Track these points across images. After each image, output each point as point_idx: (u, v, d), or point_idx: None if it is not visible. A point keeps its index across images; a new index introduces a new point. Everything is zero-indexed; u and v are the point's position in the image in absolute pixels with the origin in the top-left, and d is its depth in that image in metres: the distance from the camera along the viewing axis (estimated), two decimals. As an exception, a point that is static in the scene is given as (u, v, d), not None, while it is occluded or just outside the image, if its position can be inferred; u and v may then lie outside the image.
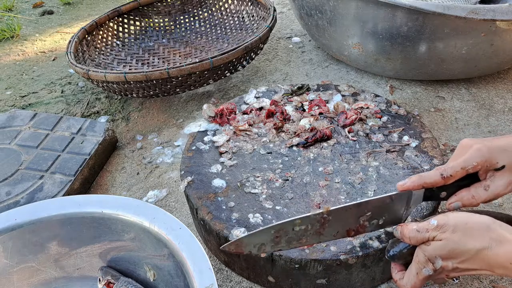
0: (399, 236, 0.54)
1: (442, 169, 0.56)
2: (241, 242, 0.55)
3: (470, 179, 0.56)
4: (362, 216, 0.57)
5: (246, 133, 0.82)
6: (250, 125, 0.84)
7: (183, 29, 1.43)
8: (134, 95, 1.08)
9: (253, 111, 0.87)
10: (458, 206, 0.56)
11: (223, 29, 1.40)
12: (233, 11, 1.42)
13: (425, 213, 0.65)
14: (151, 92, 1.05)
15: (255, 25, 1.33)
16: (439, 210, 0.77)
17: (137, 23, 1.40)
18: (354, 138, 0.79)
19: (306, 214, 0.55)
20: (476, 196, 0.55)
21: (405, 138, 0.79)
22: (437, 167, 0.57)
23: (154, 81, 1.00)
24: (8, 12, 1.80)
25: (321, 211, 0.55)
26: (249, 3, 1.37)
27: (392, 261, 0.56)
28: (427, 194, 0.57)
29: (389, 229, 0.62)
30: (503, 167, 0.53)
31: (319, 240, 0.57)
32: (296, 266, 0.60)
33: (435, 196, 0.57)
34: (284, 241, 0.56)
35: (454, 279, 0.56)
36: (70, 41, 1.17)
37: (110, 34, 1.34)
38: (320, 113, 0.85)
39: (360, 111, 0.85)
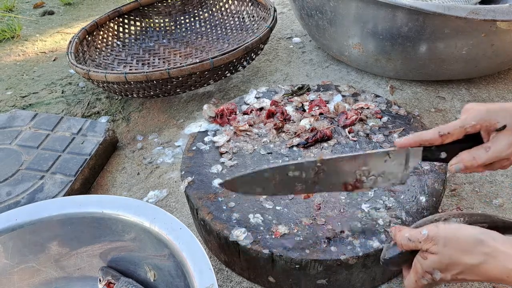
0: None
1: (440, 128, 0.56)
2: (236, 181, 0.56)
3: (473, 141, 0.56)
4: (358, 170, 0.57)
5: (246, 134, 0.82)
6: (250, 125, 0.84)
7: (183, 29, 1.43)
8: (135, 96, 1.08)
9: (253, 112, 0.87)
10: (459, 167, 0.56)
11: (224, 30, 1.40)
12: (234, 12, 1.42)
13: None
14: (152, 93, 1.05)
15: (255, 25, 1.34)
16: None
17: (138, 23, 1.40)
18: (355, 139, 0.79)
19: (299, 161, 0.56)
20: (477, 157, 0.54)
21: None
22: (436, 127, 0.57)
23: (155, 82, 1.00)
24: (9, 12, 1.80)
25: (315, 159, 0.55)
26: (250, 4, 1.37)
27: (386, 267, 0.56)
28: (426, 153, 0.57)
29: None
30: (504, 126, 0.53)
31: (314, 189, 0.57)
32: (296, 266, 0.60)
33: (435, 156, 0.57)
34: (279, 184, 0.56)
35: None
36: (70, 41, 1.17)
37: (110, 34, 1.34)
38: (321, 114, 0.85)
39: (360, 111, 0.85)
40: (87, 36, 1.25)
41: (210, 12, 1.45)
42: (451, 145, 0.56)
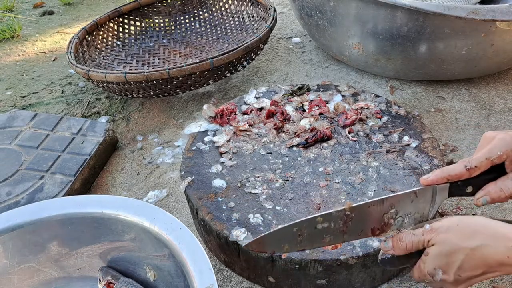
0: (388, 248, 0.53)
1: (466, 161, 0.54)
2: (263, 240, 0.53)
3: (497, 172, 0.54)
4: (387, 213, 0.55)
5: (246, 134, 0.82)
6: (250, 125, 0.84)
7: (183, 29, 1.43)
8: (135, 96, 1.08)
9: (253, 112, 0.87)
10: (486, 200, 0.54)
11: (223, 30, 1.40)
12: (233, 12, 1.42)
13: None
14: (152, 93, 1.05)
15: (255, 25, 1.34)
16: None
17: (138, 23, 1.40)
18: (354, 139, 0.79)
19: (328, 211, 0.54)
20: (504, 188, 0.53)
21: (405, 138, 0.79)
22: (460, 160, 0.55)
23: (155, 82, 1.00)
24: (9, 12, 1.80)
25: (343, 207, 0.53)
26: (250, 4, 1.37)
27: (384, 267, 0.55)
28: (452, 189, 0.55)
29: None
30: None
31: (343, 239, 0.55)
32: (296, 266, 0.60)
33: (461, 191, 0.55)
34: (306, 239, 0.54)
35: None
36: (70, 41, 1.17)
37: (110, 34, 1.34)
38: (320, 114, 0.85)
39: (360, 111, 0.85)
40: (87, 36, 1.25)
41: (210, 12, 1.45)
42: (476, 178, 0.55)
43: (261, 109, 0.88)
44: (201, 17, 1.45)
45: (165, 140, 1.03)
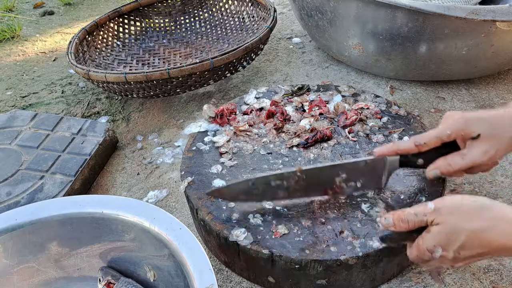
0: (390, 224, 0.53)
1: (417, 138, 0.59)
2: (222, 191, 0.63)
3: (450, 148, 0.58)
4: (338, 177, 0.61)
5: (246, 134, 0.82)
6: (250, 125, 0.84)
7: (183, 29, 1.43)
8: (135, 96, 1.08)
9: (253, 112, 0.87)
10: (436, 173, 0.58)
11: (224, 30, 1.40)
12: (234, 12, 1.42)
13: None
14: (152, 93, 1.05)
15: (255, 25, 1.34)
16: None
17: (138, 23, 1.40)
18: (355, 139, 0.79)
19: (280, 172, 0.62)
20: (453, 163, 0.57)
21: (405, 138, 0.79)
22: (413, 137, 0.60)
23: (155, 82, 1.00)
24: (9, 12, 1.80)
25: (294, 169, 0.60)
26: (250, 4, 1.37)
27: (384, 243, 0.56)
28: (403, 160, 0.60)
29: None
30: (478, 135, 0.55)
31: (298, 195, 0.63)
32: (296, 266, 0.60)
33: (411, 163, 0.60)
34: (262, 193, 0.62)
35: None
36: (70, 41, 1.17)
37: (110, 34, 1.34)
38: (321, 114, 0.85)
39: (360, 111, 0.85)
40: (87, 36, 1.25)
41: (210, 12, 1.45)
42: (428, 153, 0.58)
43: (261, 109, 0.88)
44: (201, 17, 1.45)
45: (165, 140, 1.03)
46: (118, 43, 1.35)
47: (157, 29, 1.42)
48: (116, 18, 1.35)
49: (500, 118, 0.55)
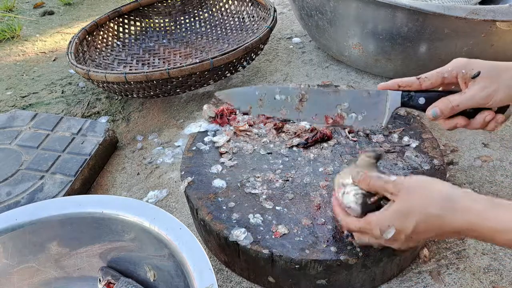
0: (356, 179, 0.55)
1: (420, 75, 0.60)
2: (230, 94, 0.67)
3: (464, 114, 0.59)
4: (340, 105, 0.62)
5: (246, 134, 0.82)
6: (250, 125, 0.84)
7: (183, 29, 1.43)
8: (135, 96, 1.08)
9: (253, 112, 0.87)
10: (435, 112, 0.58)
11: (224, 30, 1.40)
12: (234, 12, 1.42)
13: None
14: (152, 93, 1.05)
15: (255, 25, 1.34)
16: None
17: (138, 23, 1.40)
18: (355, 139, 0.79)
19: (285, 86, 0.65)
20: (452, 99, 0.57)
21: (405, 138, 0.79)
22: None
23: (155, 82, 1.00)
24: (9, 12, 1.80)
25: (299, 86, 0.63)
26: (250, 4, 1.37)
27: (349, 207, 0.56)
28: (405, 98, 0.60)
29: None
30: (478, 73, 0.56)
31: (298, 116, 0.64)
32: (296, 266, 0.60)
33: (414, 102, 0.60)
34: (266, 106, 0.65)
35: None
36: (70, 41, 1.17)
37: (110, 34, 1.34)
38: (320, 114, 0.85)
39: (360, 111, 0.85)
40: (87, 36, 1.25)
41: (210, 12, 1.45)
42: (430, 92, 0.59)
43: (261, 109, 0.88)
44: (201, 17, 1.45)
45: (165, 140, 1.03)
46: (118, 43, 1.35)
47: (157, 29, 1.42)
48: (116, 18, 1.35)
49: (500, 63, 0.58)
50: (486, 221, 0.44)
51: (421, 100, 0.59)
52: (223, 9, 1.44)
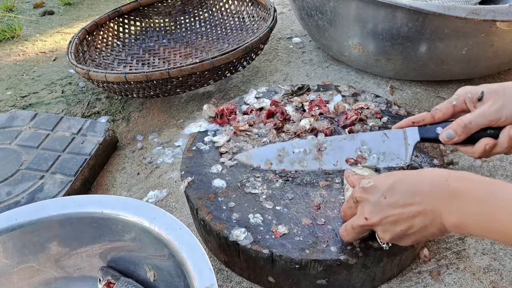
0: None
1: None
2: (250, 155, 0.67)
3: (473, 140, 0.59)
4: (359, 148, 0.63)
5: (246, 134, 0.82)
6: (250, 125, 0.84)
7: (183, 29, 1.43)
8: (135, 96, 1.08)
9: (253, 112, 0.87)
10: (450, 134, 0.59)
11: (224, 30, 1.40)
12: (234, 12, 1.42)
13: None
14: (152, 93, 1.05)
15: (255, 25, 1.34)
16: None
17: (138, 23, 1.40)
18: (354, 139, 0.79)
19: (301, 140, 0.66)
20: (463, 118, 0.58)
21: (405, 138, 0.79)
22: None
23: (155, 82, 1.00)
24: (9, 12, 1.80)
25: (316, 137, 0.64)
26: (250, 4, 1.37)
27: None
28: (422, 132, 0.61)
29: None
30: (482, 93, 0.58)
31: (319, 166, 0.65)
32: (296, 266, 0.60)
33: (431, 132, 0.61)
34: (287, 160, 0.65)
35: (385, 244, 0.57)
36: (70, 41, 1.17)
37: (110, 34, 1.34)
38: (321, 114, 0.85)
39: (360, 111, 0.85)
40: (87, 36, 1.25)
41: (210, 12, 1.45)
42: (445, 122, 0.61)
43: (261, 109, 0.88)
44: (201, 17, 1.45)
45: (165, 140, 1.03)
46: (118, 43, 1.35)
47: (157, 29, 1.42)
48: (116, 18, 1.35)
49: (504, 83, 0.59)
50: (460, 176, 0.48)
51: (439, 130, 0.60)
52: (223, 9, 1.44)
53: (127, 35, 1.38)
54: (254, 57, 1.15)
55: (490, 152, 0.58)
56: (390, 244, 0.56)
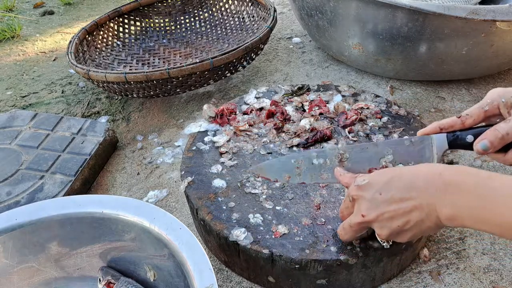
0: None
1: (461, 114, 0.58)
2: (264, 168, 0.62)
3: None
4: (383, 157, 0.58)
5: (246, 134, 0.82)
6: (250, 125, 0.84)
7: (183, 29, 1.43)
8: (135, 96, 1.08)
9: (253, 112, 0.87)
10: (485, 144, 0.54)
11: (224, 30, 1.40)
12: (234, 12, 1.42)
13: None
14: (152, 93, 1.05)
15: (255, 25, 1.34)
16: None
17: (138, 23, 1.40)
18: (355, 139, 0.79)
19: (322, 149, 0.60)
20: (499, 128, 0.53)
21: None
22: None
23: (155, 82, 1.00)
24: (9, 12, 1.80)
25: (337, 146, 0.59)
26: (250, 4, 1.37)
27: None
28: (451, 139, 0.57)
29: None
30: None
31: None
32: (296, 266, 0.60)
33: (461, 140, 0.56)
34: (305, 173, 0.60)
35: (386, 243, 0.57)
36: (70, 41, 1.17)
37: (110, 34, 1.34)
38: (321, 114, 0.85)
39: (360, 111, 0.85)
40: (87, 36, 1.25)
41: (210, 12, 1.45)
42: (476, 129, 0.56)
43: (261, 109, 0.88)
44: (201, 17, 1.45)
45: (165, 140, 1.03)
46: (118, 43, 1.35)
47: (157, 29, 1.42)
48: (116, 18, 1.35)
49: None
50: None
51: (469, 138, 0.56)
52: (223, 9, 1.44)
53: (127, 35, 1.38)
54: (254, 57, 1.15)
55: None
56: (390, 243, 0.56)
